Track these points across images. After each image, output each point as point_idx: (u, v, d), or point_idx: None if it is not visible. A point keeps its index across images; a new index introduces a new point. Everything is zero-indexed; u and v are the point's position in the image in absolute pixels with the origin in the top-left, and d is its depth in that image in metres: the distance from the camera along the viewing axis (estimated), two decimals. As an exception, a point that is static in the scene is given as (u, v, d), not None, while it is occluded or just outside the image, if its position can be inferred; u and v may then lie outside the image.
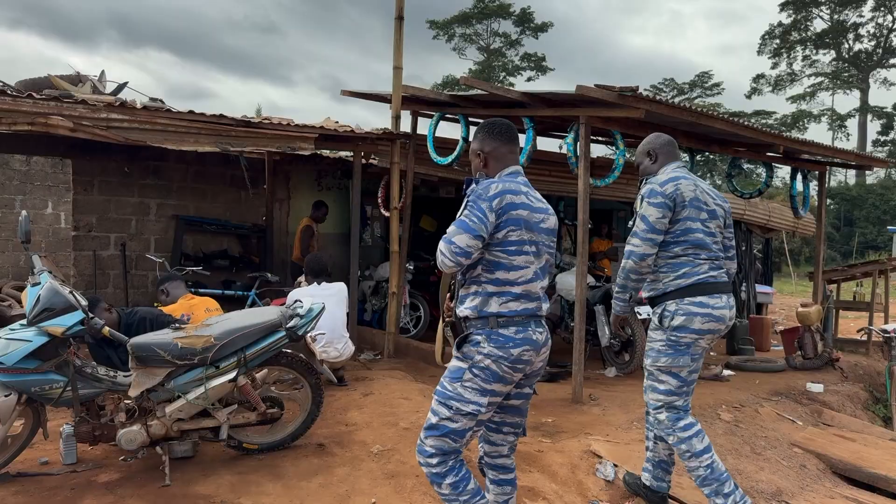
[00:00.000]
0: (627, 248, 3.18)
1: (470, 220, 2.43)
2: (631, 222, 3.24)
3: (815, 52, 38.65)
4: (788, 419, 5.28)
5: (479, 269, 2.52)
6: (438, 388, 2.57)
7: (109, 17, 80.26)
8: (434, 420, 2.53)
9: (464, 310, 2.56)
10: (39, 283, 3.23)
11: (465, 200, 2.51)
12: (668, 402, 3.15)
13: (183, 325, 3.59)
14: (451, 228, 2.46)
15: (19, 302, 8.89)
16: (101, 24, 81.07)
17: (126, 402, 3.37)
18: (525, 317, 2.52)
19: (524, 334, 2.50)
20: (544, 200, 2.71)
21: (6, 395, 3.14)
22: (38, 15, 76.10)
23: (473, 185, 2.54)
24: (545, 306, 2.62)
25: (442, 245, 2.46)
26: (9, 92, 4.84)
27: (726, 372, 6.56)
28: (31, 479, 3.33)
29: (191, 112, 5.36)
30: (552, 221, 2.68)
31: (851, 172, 39.19)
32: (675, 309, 3.10)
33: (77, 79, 7.60)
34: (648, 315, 6.35)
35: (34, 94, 4.83)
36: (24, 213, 3.38)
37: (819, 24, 37.86)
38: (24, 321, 3.24)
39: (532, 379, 2.68)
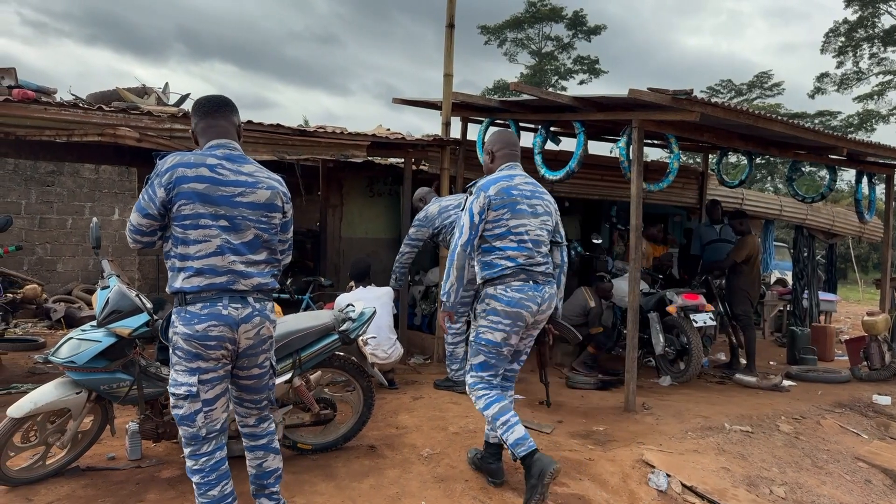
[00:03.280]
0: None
1: (142, 198, 2.48)
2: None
3: (883, 49, 36.90)
4: (853, 432, 5.07)
5: (170, 244, 2.52)
6: None
7: (178, 31, 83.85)
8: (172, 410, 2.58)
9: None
10: (108, 287, 3.37)
11: (146, 178, 2.54)
12: None
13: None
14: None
15: (88, 304, 9.35)
16: (170, 38, 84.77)
17: (187, 401, 3.47)
18: (214, 292, 2.47)
19: (211, 310, 2.45)
20: (258, 175, 2.61)
21: (77, 393, 3.30)
22: (113, 31, 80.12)
23: (157, 162, 2.52)
24: (253, 281, 2.55)
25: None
26: (81, 105, 5.10)
27: (786, 382, 6.34)
28: (98, 474, 3.47)
29: (249, 122, 5.53)
30: (261, 195, 2.58)
31: (924, 174, 37.23)
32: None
33: (143, 91, 7.95)
34: (704, 323, 6.25)
35: (104, 107, 5.08)
36: (94, 220, 3.55)
37: (888, 21, 36.18)
38: (93, 322, 3.39)
39: (252, 359, 2.62)
